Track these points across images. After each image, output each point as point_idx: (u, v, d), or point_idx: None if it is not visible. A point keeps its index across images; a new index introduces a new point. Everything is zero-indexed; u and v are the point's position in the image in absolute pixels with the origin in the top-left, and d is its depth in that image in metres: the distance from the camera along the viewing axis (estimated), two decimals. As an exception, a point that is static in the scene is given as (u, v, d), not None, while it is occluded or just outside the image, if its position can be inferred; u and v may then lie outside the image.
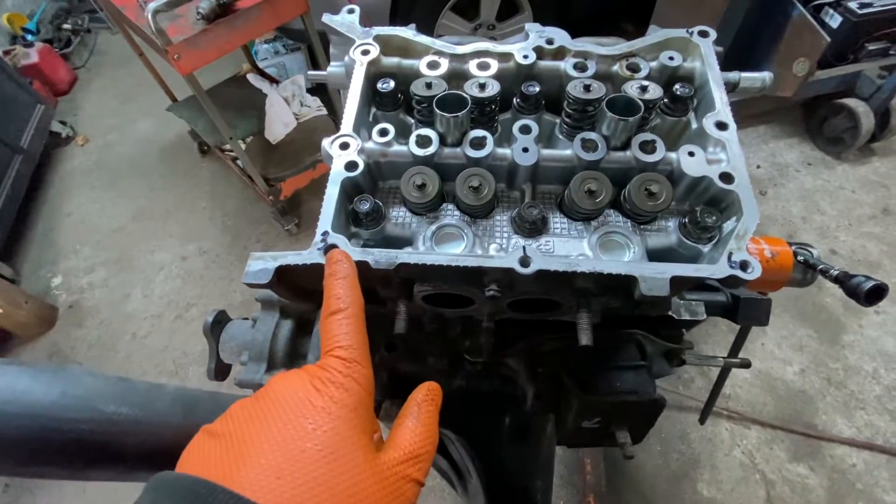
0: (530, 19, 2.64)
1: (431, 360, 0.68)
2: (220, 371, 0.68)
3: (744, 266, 0.44)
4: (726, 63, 0.59)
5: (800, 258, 0.95)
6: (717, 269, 0.44)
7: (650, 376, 0.57)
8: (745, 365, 0.75)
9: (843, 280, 0.86)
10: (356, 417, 0.34)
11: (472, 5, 2.56)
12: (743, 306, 0.59)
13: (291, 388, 0.34)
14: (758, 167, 2.59)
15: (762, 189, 2.50)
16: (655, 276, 0.44)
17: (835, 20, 2.31)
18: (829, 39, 2.08)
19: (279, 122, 2.62)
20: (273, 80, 2.88)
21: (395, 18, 2.45)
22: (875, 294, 0.83)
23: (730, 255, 0.44)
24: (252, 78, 2.87)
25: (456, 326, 0.66)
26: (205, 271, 2.56)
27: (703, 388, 2.01)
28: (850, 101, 2.38)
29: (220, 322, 0.67)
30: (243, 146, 2.58)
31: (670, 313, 0.60)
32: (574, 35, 0.63)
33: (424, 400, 0.40)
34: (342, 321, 0.38)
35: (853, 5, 2.24)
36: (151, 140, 3.34)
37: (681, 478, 1.84)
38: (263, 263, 0.46)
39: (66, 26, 4.08)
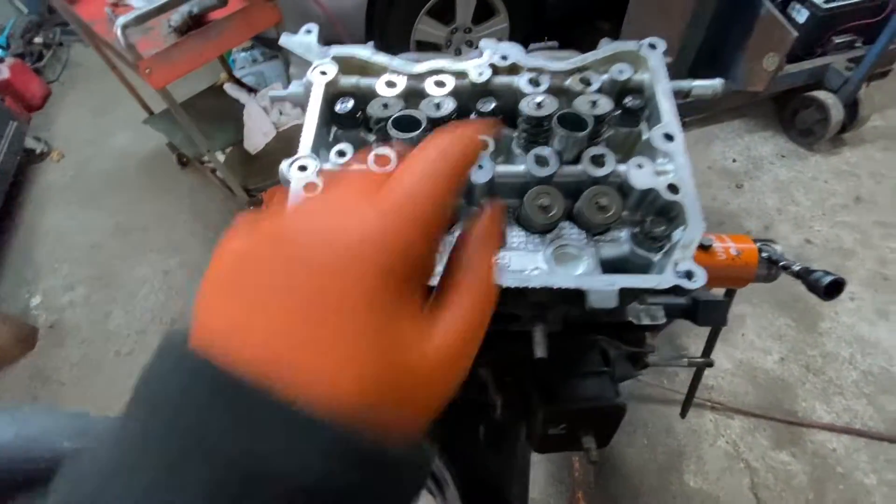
0: (506, 21, 2.66)
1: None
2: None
3: (689, 275, 0.45)
4: (697, 61, 0.60)
5: (764, 254, 0.98)
6: (662, 280, 0.45)
7: (612, 382, 0.59)
8: (709, 364, 0.77)
9: (803, 275, 0.89)
10: (400, 280, 0.23)
11: (448, 9, 2.57)
12: (702, 308, 0.61)
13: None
14: (734, 161, 2.64)
15: (738, 182, 2.55)
16: (603, 290, 0.45)
17: (801, 15, 2.37)
18: (796, 34, 2.13)
19: (258, 131, 2.60)
20: (251, 90, 2.86)
21: (371, 25, 2.45)
22: (834, 288, 0.86)
23: (675, 264, 0.46)
24: (229, 88, 2.85)
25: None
26: (188, 285, 2.54)
27: (687, 381, 2.02)
28: (820, 94, 2.43)
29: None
30: (222, 157, 2.56)
31: (630, 318, 0.61)
32: (549, 36, 0.64)
33: (481, 239, 0.28)
34: (421, 160, 0.26)
35: (818, 0, 2.30)
36: (129, 153, 3.29)
37: (668, 470, 1.88)
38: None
39: (37, 40, 4.00)
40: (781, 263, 0.92)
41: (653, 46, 0.61)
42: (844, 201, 2.44)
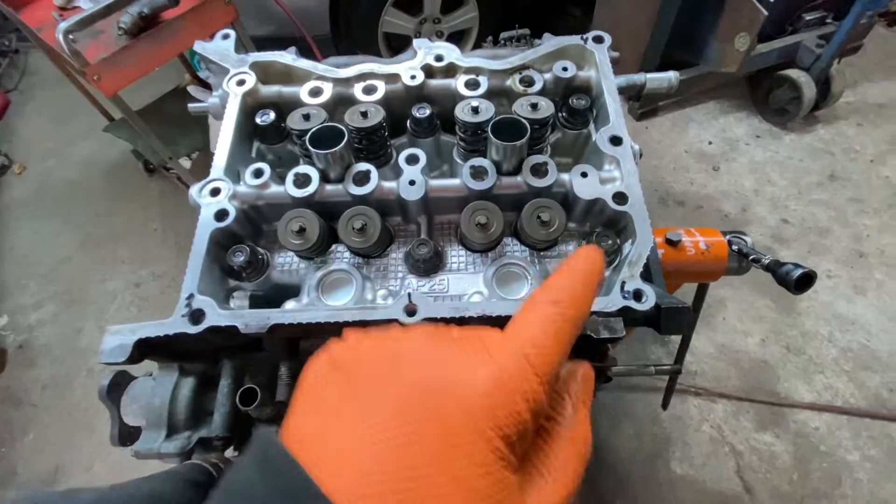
0: (475, 10, 2.59)
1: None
2: (127, 435, 0.63)
3: (637, 296, 0.42)
4: (670, 45, 0.56)
5: (734, 247, 0.95)
6: (609, 302, 0.41)
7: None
8: (677, 372, 0.75)
9: (773, 269, 0.86)
10: (510, 445, 0.23)
11: (416, 0, 2.49)
12: (665, 316, 0.57)
13: (439, 360, 0.24)
14: (709, 143, 2.63)
15: (715, 165, 2.54)
16: (544, 315, 0.41)
17: (772, -8, 2.33)
18: (766, 13, 2.10)
19: (224, 135, 2.51)
20: (215, 91, 2.75)
21: (336, 20, 2.36)
22: (805, 281, 0.84)
23: (622, 284, 0.42)
24: (193, 90, 2.74)
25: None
26: (160, 297, 2.46)
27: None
28: (792, 72, 2.42)
29: (118, 384, 0.62)
30: (188, 163, 2.47)
31: (589, 332, 0.58)
32: (521, 24, 0.59)
33: (580, 394, 0.28)
34: (555, 316, 0.25)
35: (788, -23, 2.27)
36: (93, 162, 3.17)
37: (654, 458, 1.87)
38: (120, 338, 0.42)
39: (-10, 47, 3.82)
40: (752, 257, 0.90)
41: (599, 40, 0.57)
42: (819, 179, 2.44)
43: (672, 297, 0.67)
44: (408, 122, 0.56)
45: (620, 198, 0.46)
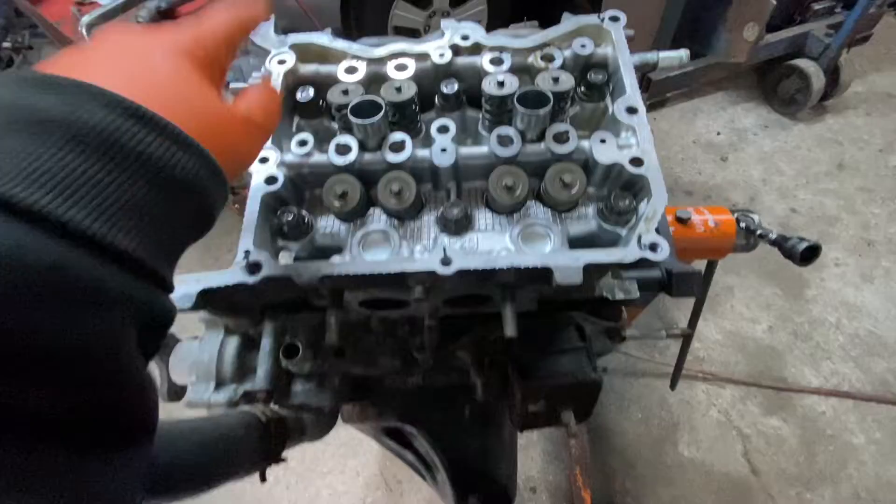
0: (483, 4, 2.62)
1: (383, 361, 0.69)
2: (175, 393, 0.68)
3: (653, 247, 0.46)
4: (679, 35, 0.60)
5: (742, 224, 0.99)
6: (627, 253, 0.45)
7: (588, 358, 0.60)
8: (687, 335, 0.78)
9: (780, 243, 0.90)
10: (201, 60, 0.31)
11: (425, -7, 2.52)
12: (676, 280, 0.61)
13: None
14: (718, 134, 2.64)
15: (723, 155, 2.56)
16: (569, 266, 0.45)
17: (780, -18, 2.35)
18: (775, 2, 2.11)
19: (238, 128, 2.56)
20: (226, 86, 2.80)
21: (347, 14, 2.40)
22: (810, 254, 0.87)
23: (639, 237, 0.46)
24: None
25: (403, 326, 0.67)
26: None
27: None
28: (801, 62, 2.43)
29: (166, 345, 0.67)
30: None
31: (605, 293, 0.62)
32: (529, 15, 0.63)
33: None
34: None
35: (796, -34, 2.28)
36: (110, 157, 3.24)
37: (662, 442, 1.91)
38: (186, 288, 0.46)
39: (5, 44, 3.89)
40: (758, 232, 0.93)
41: (615, 19, 0.61)
42: (828, 169, 2.45)
43: (682, 264, 0.71)
44: (436, 97, 0.60)
45: (637, 162, 0.50)
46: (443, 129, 0.54)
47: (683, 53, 0.66)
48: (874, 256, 2.18)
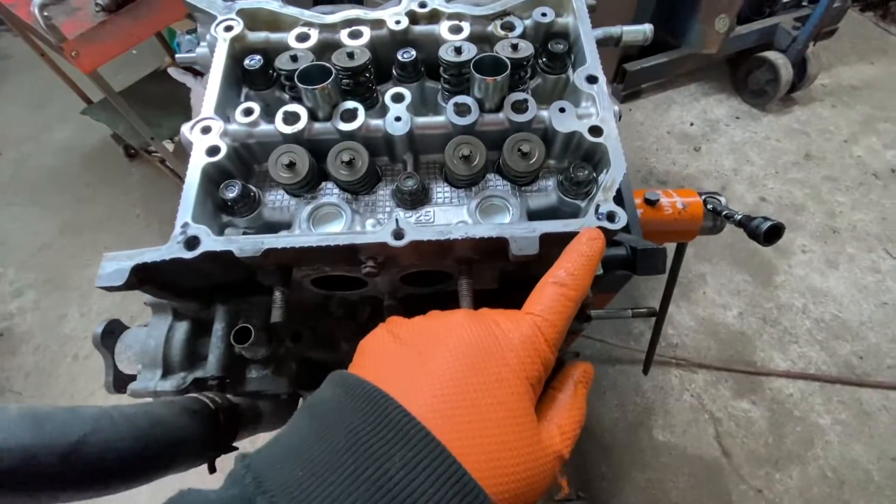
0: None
1: (345, 347, 0.67)
2: (122, 383, 0.64)
3: (611, 217, 0.44)
4: (654, 26, 0.60)
5: (708, 206, 0.99)
6: (584, 223, 0.44)
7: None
8: (653, 314, 0.78)
9: (745, 223, 0.90)
10: (532, 387, 0.33)
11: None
12: (640, 258, 0.60)
13: (479, 328, 0.34)
14: (691, 124, 2.68)
15: (696, 145, 2.59)
16: (525, 236, 0.44)
17: (750, -25, 2.38)
18: (745, -6, 2.15)
19: (207, 116, 2.48)
20: (197, 73, 2.71)
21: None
22: (773, 233, 0.88)
23: (597, 207, 0.45)
24: (174, 72, 2.68)
25: (364, 308, 0.65)
26: (146, 281, 2.43)
27: (653, 341, 2.10)
28: (770, 54, 2.48)
29: (112, 332, 0.63)
30: (171, 146, 2.44)
31: (569, 271, 0.60)
32: None
33: (581, 381, 0.39)
34: (559, 296, 0.35)
35: (766, -41, 2.32)
36: (72, 147, 3.10)
37: (637, 426, 1.94)
38: (117, 264, 0.43)
39: (-42, 30, 3.68)
40: (724, 213, 0.94)
41: (576, -12, 0.59)
42: (795, 159, 2.51)
43: (647, 242, 0.70)
44: (393, 67, 0.58)
45: (596, 131, 0.49)
46: (398, 98, 0.52)
47: (647, 28, 0.65)
48: (839, 243, 2.25)
